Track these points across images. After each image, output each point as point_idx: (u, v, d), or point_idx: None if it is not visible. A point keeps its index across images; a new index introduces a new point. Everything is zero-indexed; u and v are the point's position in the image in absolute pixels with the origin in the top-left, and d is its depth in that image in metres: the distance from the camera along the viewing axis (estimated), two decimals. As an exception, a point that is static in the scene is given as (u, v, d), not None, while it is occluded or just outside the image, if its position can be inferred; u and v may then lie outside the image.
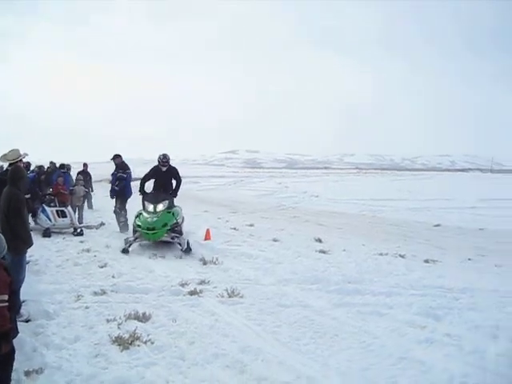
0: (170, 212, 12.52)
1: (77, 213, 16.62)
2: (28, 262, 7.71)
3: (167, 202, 12.68)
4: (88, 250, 11.54)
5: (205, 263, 10.38)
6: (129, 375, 4.93)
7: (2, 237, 4.90)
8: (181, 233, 12.57)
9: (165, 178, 13.41)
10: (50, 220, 14.30)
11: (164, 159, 13.27)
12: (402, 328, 6.59)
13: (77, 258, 10.84)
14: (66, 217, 14.63)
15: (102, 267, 9.96)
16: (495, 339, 6.25)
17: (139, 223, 12.21)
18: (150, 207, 12.52)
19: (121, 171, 15.11)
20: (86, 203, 18.86)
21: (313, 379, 4.97)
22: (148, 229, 11.97)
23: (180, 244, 11.84)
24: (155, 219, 12.13)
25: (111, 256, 11.13)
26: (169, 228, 12.18)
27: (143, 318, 6.65)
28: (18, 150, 9.07)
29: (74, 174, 19.66)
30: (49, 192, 15.48)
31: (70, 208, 15.29)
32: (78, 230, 14.37)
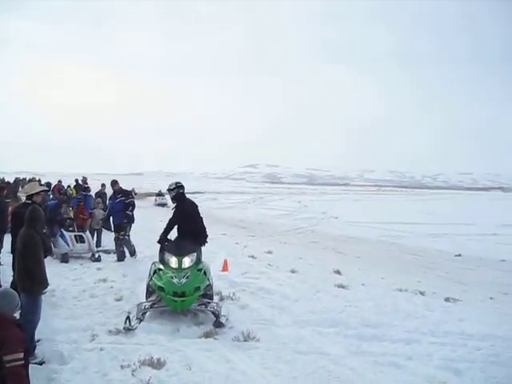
0: (200, 269, 9.33)
1: (95, 236, 16.67)
2: (45, 293, 7.67)
3: (195, 255, 9.50)
4: (105, 280, 11.49)
5: (222, 298, 10.23)
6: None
7: (16, 294, 4.90)
8: (212, 297, 9.59)
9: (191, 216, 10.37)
10: (68, 245, 14.31)
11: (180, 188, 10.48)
12: (420, 384, 6.42)
13: (93, 288, 10.80)
14: (84, 242, 14.65)
15: (117, 300, 9.90)
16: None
17: (161, 284, 8.89)
18: (173, 261, 9.32)
19: (124, 198, 15.02)
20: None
21: None
22: (175, 294, 8.69)
23: (215, 314, 8.68)
24: (184, 280, 8.85)
25: (127, 286, 11.05)
26: (202, 293, 9.12)
27: (157, 365, 6.55)
28: (36, 184, 9.06)
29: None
30: (68, 216, 15.50)
31: (88, 233, 15.33)
32: (96, 256, 14.41)
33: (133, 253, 14.83)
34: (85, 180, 21.80)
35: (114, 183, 15.30)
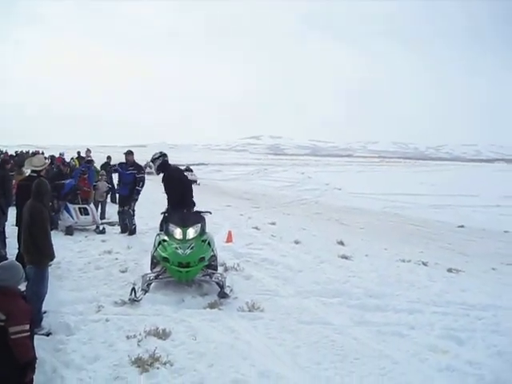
0: (204, 240, 9.31)
1: (99, 208, 16.71)
2: (50, 265, 7.72)
3: (199, 225, 9.50)
4: (109, 252, 11.54)
5: (226, 269, 10.28)
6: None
7: (20, 266, 4.96)
8: (217, 267, 9.67)
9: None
10: (72, 217, 14.33)
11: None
12: (423, 353, 6.49)
13: (98, 260, 10.86)
14: (88, 214, 14.65)
15: (122, 272, 9.97)
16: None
17: (165, 255, 8.88)
18: (177, 232, 9.25)
19: (135, 171, 14.34)
20: (109, 197, 18.88)
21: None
22: (180, 265, 8.72)
23: (219, 285, 8.78)
24: (189, 251, 8.85)
25: (132, 258, 11.12)
26: (206, 263, 9.15)
27: (163, 335, 6.63)
28: (43, 157, 9.07)
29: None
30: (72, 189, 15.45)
31: (92, 205, 15.29)
32: (100, 228, 14.47)
33: (132, 231, 14.30)
34: (88, 152, 21.67)
35: (129, 153, 14.69)
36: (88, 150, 22.11)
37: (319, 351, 6.47)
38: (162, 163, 10.61)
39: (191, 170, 38.59)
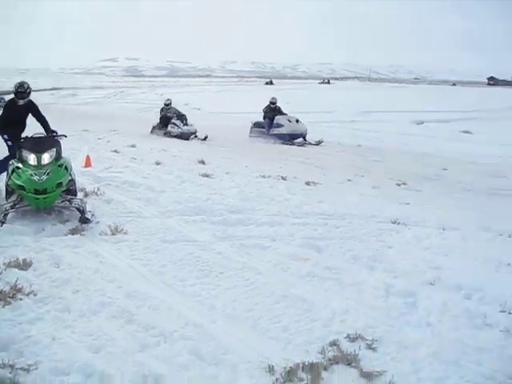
0: (60, 165, 8.78)
1: None
2: None
3: (55, 150, 8.88)
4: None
5: (86, 194, 9.99)
6: (13, 334, 4.75)
7: None
8: (76, 192, 9.36)
9: (22, 116, 10.19)
10: None
11: (21, 89, 9.86)
12: (284, 262, 6.81)
13: None
14: None
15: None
16: (372, 271, 6.64)
17: (20, 183, 8.32)
18: (32, 158, 8.61)
19: None
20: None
21: (200, 326, 5.04)
22: (37, 191, 8.23)
23: (80, 210, 8.50)
24: (45, 177, 8.31)
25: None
26: (64, 189, 8.74)
27: (24, 266, 6.37)
28: None
29: None
30: None
31: None
32: None
33: None
34: None
35: None
36: None
37: (184, 268, 6.58)
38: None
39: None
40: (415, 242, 7.96)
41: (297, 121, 22.58)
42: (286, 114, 23.44)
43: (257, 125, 24.30)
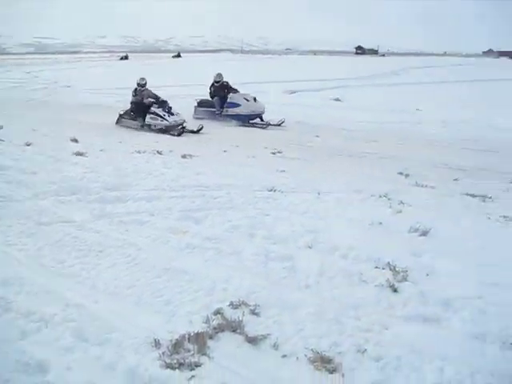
0: None
1: None
2: None
3: None
4: None
5: None
6: None
7: None
8: None
9: None
10: None
11: None
12: (163, 236, 6.74)
13: None
14: None
15: None
16: (251, 238, 6.74)
17: None
18: None
19: None
20: None
21: (82, 307, 4.90)
22: None
23: None
24: None
25: None
26: None
27: None
28: None
29: None
30: None
31: None
32: None
33: None
34: None
35: None
36: None
37: (63, 249, 6.34)
38: None
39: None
40: (292, 208, 8.13)
41: (254, 99, 20.64)
42: (237, 91, 21.25)
43: (203, 104, 21.75)
